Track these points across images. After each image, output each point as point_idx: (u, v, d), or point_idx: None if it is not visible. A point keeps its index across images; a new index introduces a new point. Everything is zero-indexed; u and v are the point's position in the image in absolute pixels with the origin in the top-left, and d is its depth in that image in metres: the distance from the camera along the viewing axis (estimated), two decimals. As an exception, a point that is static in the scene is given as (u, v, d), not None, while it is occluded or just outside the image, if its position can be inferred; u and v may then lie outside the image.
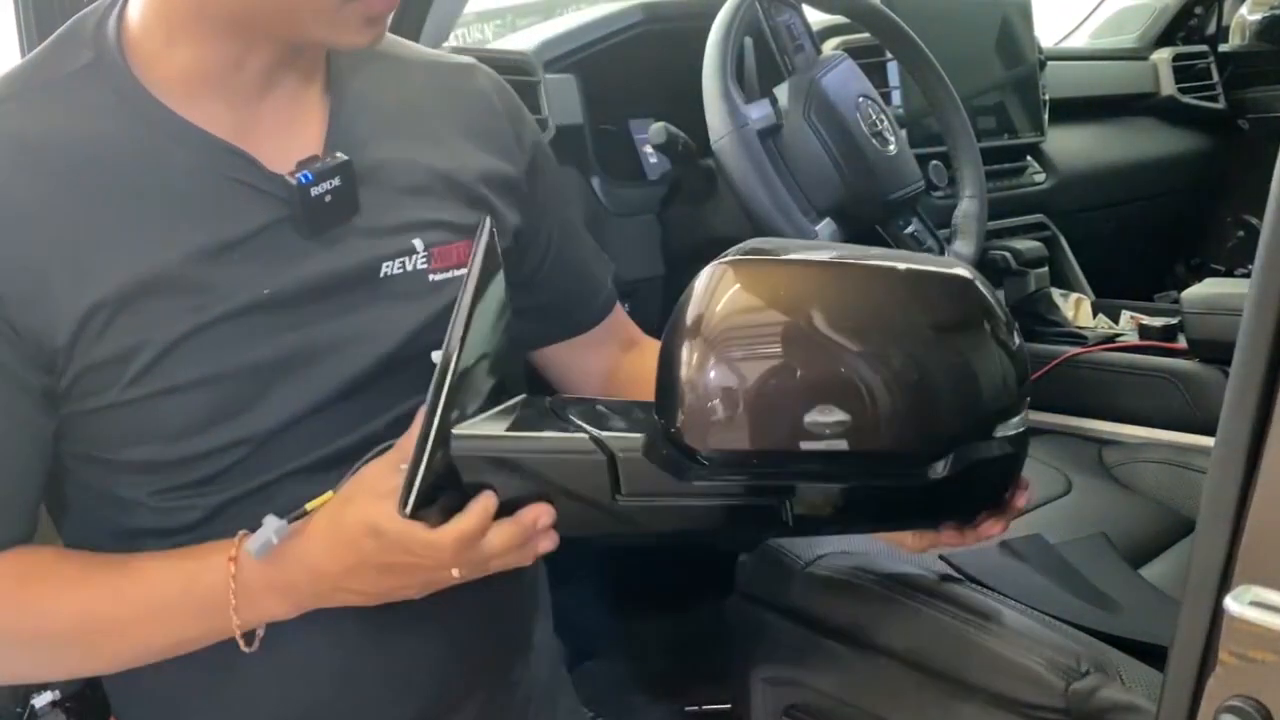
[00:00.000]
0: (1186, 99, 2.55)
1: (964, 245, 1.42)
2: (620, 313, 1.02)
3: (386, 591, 0.71)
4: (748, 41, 1.37)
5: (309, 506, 0.70)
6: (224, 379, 0.73)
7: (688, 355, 0.67)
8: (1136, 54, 2.59)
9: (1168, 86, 2.53)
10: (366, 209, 0.77)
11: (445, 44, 1.40)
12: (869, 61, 1.66)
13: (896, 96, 1.79)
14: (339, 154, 0.75)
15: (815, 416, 0.66)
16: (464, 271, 0.79)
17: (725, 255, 0.70)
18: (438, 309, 0.79)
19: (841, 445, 0.66)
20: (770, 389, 0.66)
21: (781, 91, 1.33)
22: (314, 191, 0.74)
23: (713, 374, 0.67)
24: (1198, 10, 2.68)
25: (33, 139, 0.69)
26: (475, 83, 0.89)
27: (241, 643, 0.73)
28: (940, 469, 0.69)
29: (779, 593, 1.13)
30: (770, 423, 0.67)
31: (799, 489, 0.71)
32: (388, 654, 0.79)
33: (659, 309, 1.46)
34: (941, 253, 1.41)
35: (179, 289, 0.71)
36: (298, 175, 0.73)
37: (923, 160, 1.59)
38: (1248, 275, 0.57)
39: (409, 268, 0.78)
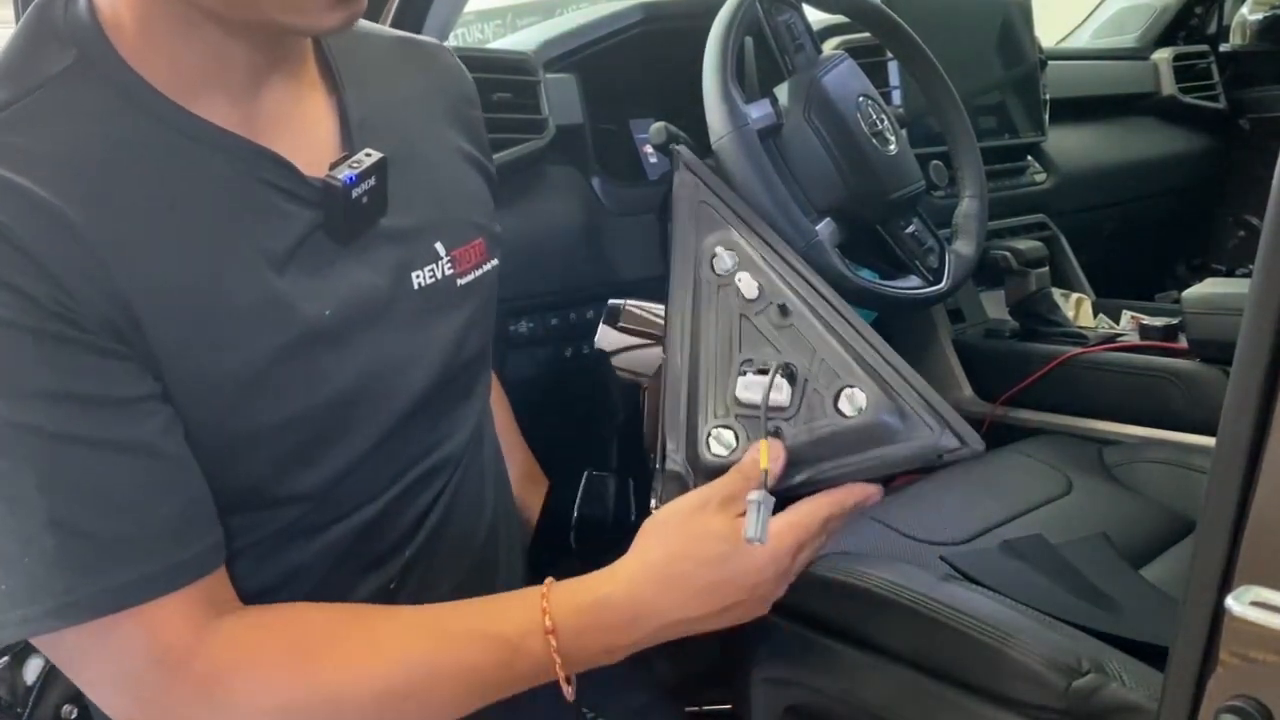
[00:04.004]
0: (1187, 99, 2.55)
1: (965, 245, 1.42)
2: None
3: (710, 617, 0.67)
4: (748, 41, 1.36)
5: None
6: (308, 417, 0.65)
7: None
8: (1137, 54, 2.59)
9: (1168, 86, 2.53)
10: (389, 211, 0.71)
11: (445, 43, 1.40)
12: (869, 61, 1.66)
13: (897, 96, 1.79)
14: (370, 151, 0.68)
15: None
16: (483, 271, 0.78)
17: None
18: (469, 314, 0.76)
19: None
20: None
21: (782, 91, 1.32)
22: (353, 194, 0.66)
23: None
24: (1198, 10, 2.68)
25: (45, 153, 0.59)
26: (447, 62, 0.84)
27: (568, 691, 0.67)
28: None
29: (779, 593, 1.13)
30: None
31: None
32: None
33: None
34: (942, 252, 1.40)
35: (248, 313, 0.63)
36: (342, 176, 0.65)
37: (923, 160, 1.59)
38: (1248, 275, 0.57)
39: (438, 275, 0.73)
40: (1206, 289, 1.49)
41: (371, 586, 0.74)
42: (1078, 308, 1.86)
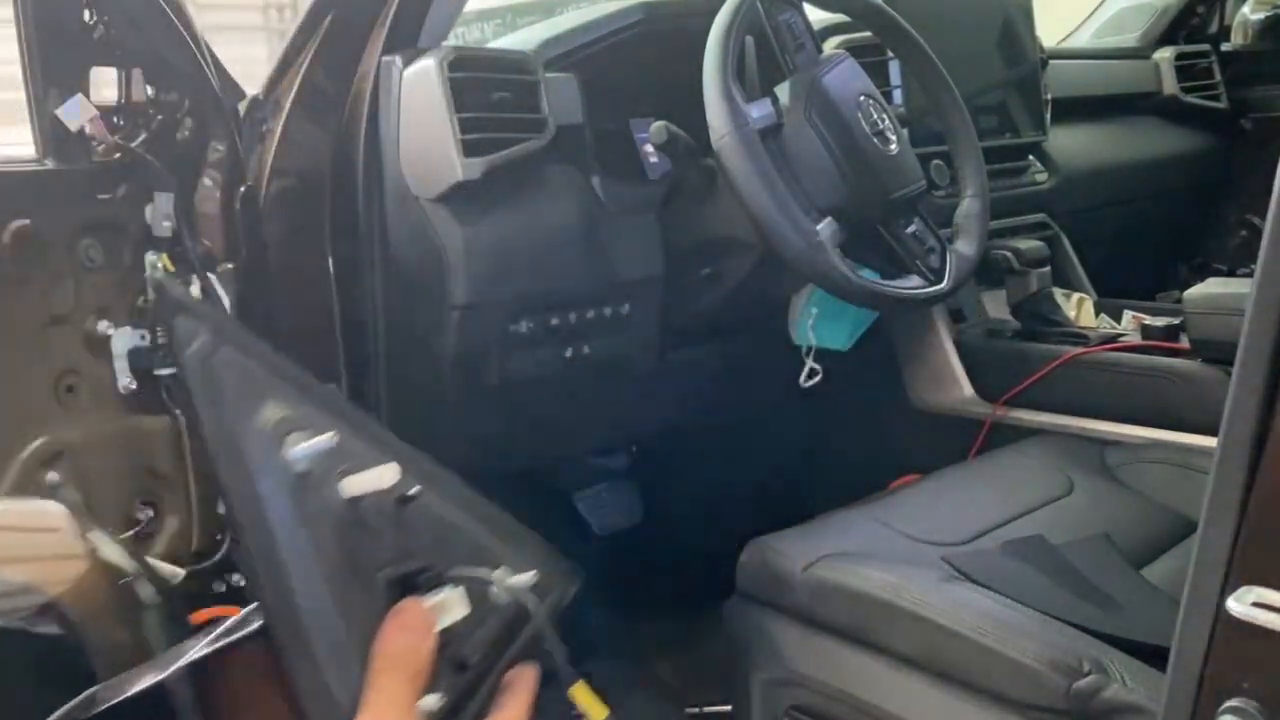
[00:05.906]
0: (1189, 98, 2.54)
1: (966, 245, 1.42)
2: None
3: None
4: (749, 40, 1.36)
5: None
6: None
7: None
8: (1138, 53, 2.59)
9: (1170, 86, 2.53)
10: None
11: (445, 43, 1.39)
12: (870, 60, 1.66)
13: (898, 95, 1.79)
14: None
15: None
16: None
17: None
18: None
19: None
20: None
21: (782, 90, 1.32)
22: None
23: None
24: (1200, 9, 2.68)
25: None
26: None
27: None
28: None
29: (779, 594, 1.13)
30: None
31: None
32: None
33: (658, 309, 1.46)
34: (944, 252, 1.40)
35: None
36: None
37: (924, 159, 1.59)
38: (1250, 275, 0.57)
39: None
40: (1208, 289, 1.48)
41: None
42: (1079, 307, 1.86)
